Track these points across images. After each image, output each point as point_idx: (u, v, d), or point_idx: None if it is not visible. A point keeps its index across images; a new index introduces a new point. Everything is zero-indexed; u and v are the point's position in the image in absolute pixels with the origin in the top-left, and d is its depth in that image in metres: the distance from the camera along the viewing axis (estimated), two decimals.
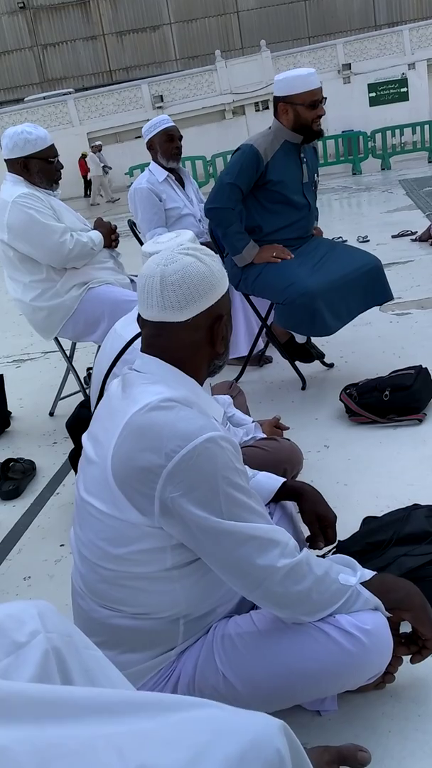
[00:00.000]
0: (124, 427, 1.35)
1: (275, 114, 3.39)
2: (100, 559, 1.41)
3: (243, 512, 1.34)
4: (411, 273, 5.57)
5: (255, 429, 2.47)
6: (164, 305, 1.42)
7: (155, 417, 1.34)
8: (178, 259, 1.43)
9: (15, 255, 3.23)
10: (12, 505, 2.92)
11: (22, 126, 3.23)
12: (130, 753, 0.75)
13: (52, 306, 3.27)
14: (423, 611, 1.47)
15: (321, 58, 23.13)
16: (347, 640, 1.40)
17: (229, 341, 1.56)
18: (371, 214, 9.52)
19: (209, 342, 1.48)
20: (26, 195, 3.15)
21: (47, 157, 3.22)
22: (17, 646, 0.89)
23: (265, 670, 1.44)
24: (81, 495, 1.47)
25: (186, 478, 1.30)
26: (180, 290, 1.41)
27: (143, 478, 1.31)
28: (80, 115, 22.66)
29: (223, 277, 1.47)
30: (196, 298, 1.42)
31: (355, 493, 2.53)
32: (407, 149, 16.19)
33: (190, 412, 1.35)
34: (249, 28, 30.35)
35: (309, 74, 3.29)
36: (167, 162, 4.09)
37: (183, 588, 1.41)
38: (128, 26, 30.58)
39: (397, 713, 1.57)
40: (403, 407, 2.98)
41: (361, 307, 3.40)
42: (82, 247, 3.23)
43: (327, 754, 1.37)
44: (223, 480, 1.32)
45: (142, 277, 1.46)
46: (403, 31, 23.36)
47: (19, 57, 30.67)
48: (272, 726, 0.83)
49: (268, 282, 3.36)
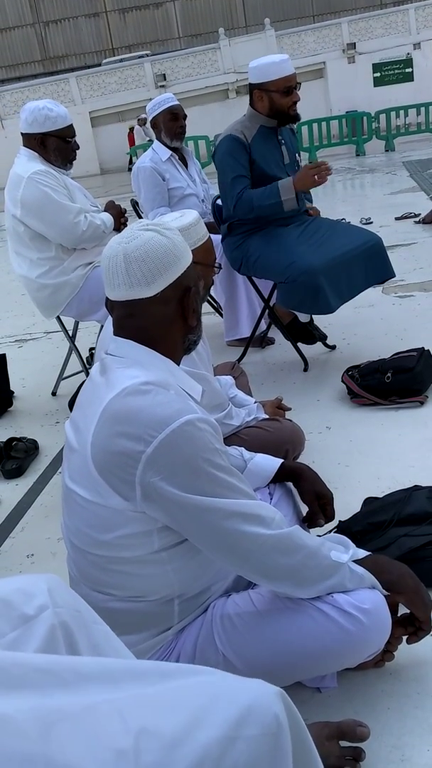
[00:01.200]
0: (102, 413, 1.34)
1: (251, 101, 3.40)
2: (88, 545, 1.41)
3: (226, 491, 1.34)
4: (414, 255, 5.55)
5: (257, 409, 2.48)
6: (131, 282, 1.41)
7: (132, 402, 1.33)
8: (138, 236, 1.42)
9: (25, 231, 3.21)
10: (15, 483, 2.93)
11: (44, 102, 3.21)
12: (131, 717, 0.76)
13: (58, 284, 3.26)
14: (416, 594, 1.48)
15: (325, 37, 22.86)
16: (346, 620, 1.41)
17: (200, 316, 1.55)
18: (374, 195, 9.47)
19: (181, 315, 1.47)
20: (42, 172, 3.14)
21: (65, 136, 3.21)
22: (25, 619, 0.91)
23: (265, 650, 1.45)
24: (66, 483, 1.48)
25: (166, 463, 1.29)
26: (145, 265, 1.40)
27: (123, 464, 1.31)
28: (82, 94, 22.47)
29: (185, 249, 1.47)
30: (161, 270, 1.41)
31: (356, 474, 2.54)
32: (412, 130, 16.06)
33: (167, 396, 1.34)
34: (253, 6, 29.99)
35: (282, 60, 3.29)
36: (171, 141, 4.07)
37: (174, 569, 1.41)
38: (131, 3, 30.23)
39: (396, 691, 1.58)
40: (404, 389, 2.99)
41: (363, 285, 3.40)
42: (95, 230, 3.23)
43: (327, 729, 1.39)
44: (204, 461, 1.32)
45: (105, 258, 1.45)
46: (409, 10, 23.06)
47: (20, 34, 30.35)
48: (270, 692, 0.84)
49: (269, 262, 3.35)
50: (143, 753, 0.73)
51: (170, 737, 0.75)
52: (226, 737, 0.77)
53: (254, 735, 0.79)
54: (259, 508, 1.37)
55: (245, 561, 1.37)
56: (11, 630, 0.90)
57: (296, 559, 1.38)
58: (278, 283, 3.38)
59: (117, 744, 0.73)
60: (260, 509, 1.37)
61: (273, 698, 0.83)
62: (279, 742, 0.81)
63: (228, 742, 0.77)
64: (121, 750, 0.73)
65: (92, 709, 0.76)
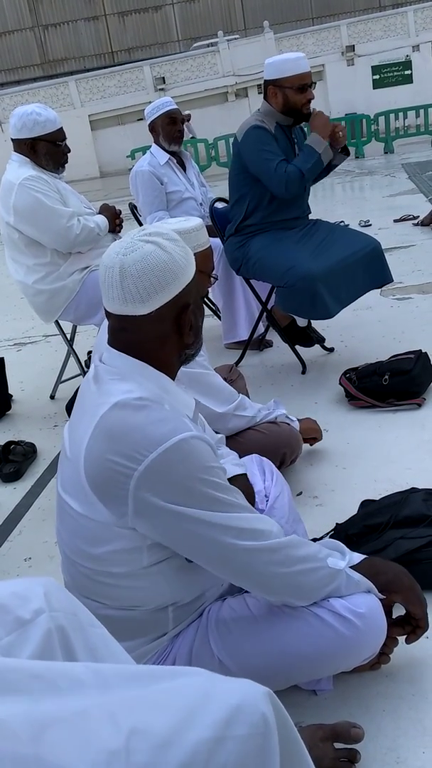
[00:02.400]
0: (95, 427, 1.33)
1: (265, 97, 3.41)
2: (79, 557, 1.40)
3: (221, 507, 1.32)
4: (412, 257, 5.56)
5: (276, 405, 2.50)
6: (125, 298, 1.36)
7: (125, 418, 1.31)
8: (138, 248, 1.36)
9: (20, 238, 3.22)
10: (13, 487, 2.94)
11: (32, 106, 3.20)
12: (122, 718, 0.77)
13: (55, 289, 3.27)
14: (412, 591, 1.49)
15: (324, 39, 22.88)
16: (341, 624, 1.41)
17: (200, 330, 1.50)
18: (373, 198, 9.47)
19: (176, 332, 1.42)
20: (33, 178, 3.14)
21: (55, 140, 3.20)
22: (21, 623, 0.91)
23: (260, 654, 1.45)
24: (59, 491, 1.47)
25: (159, 481, 1.28)
26: (140, 282, 1.34)
27: (115, 480, 1.29)
28: (81, 97, 22.48)
29: (187, 264, 1.40)
30: (158, 289, 1.35)
31: (353, 476, 2.55)
32: (411, 132, 16.06)
33: (160, 413, 1.32)
34: (252, 9, 30.00)
35: (298, 58, 3.31)
36: (169, 145, 4.08)
37: (166, 580, 1.40)
38: (130, 6, 30.22)
39: (391, 693, 1.59)
40: (402, 392, 2.99)
41: (362, 290, 3.41)
42: (88, 233, 3.23)
43: (321, 732, 1.40)
44: (198, 480, 1.30)
45: (102, 266, 1.40)
46: (408, 13, 23.07)
47: (19, 37, 30.35)
48: (258, 692, 0.85)
49: (268, 266, 3.36)
50: (134, 753, 0.74)
51: (161, 737, 0.76)
52: (216, 737, 0.78)
53: (243, 735, 0.80)
54: (256, 521, 1.37)
55: (242, 574, 1.37)
56: (6, 634, 0.90)
57: (294, 569, 1.38)
58: (277, 287, 3.39)
59: (108, 745, 0.74)
60: (257, 522, 1.36)
61: (261, 698, 0.84)
62: (267, 742, 0.82)
63: (217, 741, 0.78)
64: (113, 751, 0.74)
65: (84, 713, 0.77)
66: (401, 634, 1.54)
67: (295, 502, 2.12)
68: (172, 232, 1.43)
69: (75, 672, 0.83)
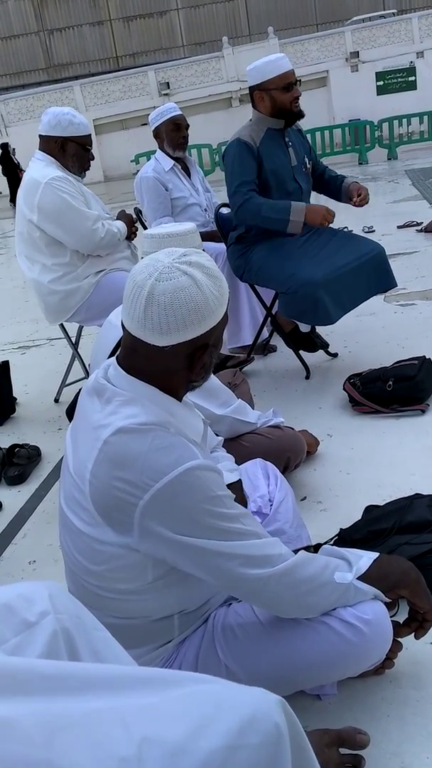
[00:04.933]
0: (101, 450, 1.30)
1: (253, 105, 3.42)
2: (81, 572, 1.40)
3: (228, 537, 1.31)
4: (416, 264, 5.57)
5: (274, 414, 2.51)
6: (145, 324, 1.30)
7: (129, 444, 1.28)
8: (173, 277, 1.28)
9: (41, 236, 3.23)
10: (17, 490, 2.94)
11: (68, 108, 3.29)
12: (134, 725, 0.77)
13: (70, 290, 3.29)
14: (418, 585, 1.48)
15: (329, 45, 22.93)
16: (348, 631, 1.41)
17: (212, 367, 1.44)
18: (377, 204, 9.47)
19: (187, 368, 1.37)
20: (60, 178, 3.16)
21: (85, 144, 3.27)
22: (27, 625, 0.92)
23: (267, 660, 1.45)
24: (61, 504, 1.45)
25: (164, 511, 1.27)
26: (165, 314, 1.28)
27: (120, 507, 1.29)
28: (86, 102, 22.55)
29: (218, 306, 1.33)
30: (180, 327, 1.29)
31: (357, 481, 2.55)
32: (414, 139, 16.08)
33: (166, 439, 1.30)
34: (257, 15, 30.12)
35: (278, 58, 3.32)
36: (173, 151, 4.09)
37: (171, 592, 1.40)
38: (135, 11, 30.37)
39: (396, 698, 1.59)
40: (406, 397, 2.99)
41: (365, 295, 3.42)
42: (112, 237, 3.27)
43: (327, 737, 1.40)
44: (203, 512, 1.28)
45: (131, 281, 1.33)
46: (412, 19, 23.13)
47: (25, 42, 30.49)
48: (271, 701, 0.85)
49: (270, 272, 3.37)
50: (146, 761, 0.74)
51: (173, 746, 0.76)
52: (229, 746, 0.78)
53: (256, 743, 0.80)
54: (264, 547, 1.35)
55: (251, 597, 1.38)
56: (13, 636, 0.91)
57: (302, 589, 1.37)
58: (279, 293, 3.40)
59: (120, 752, 0.74)
60: (265, 548, 1.35)
61: (274, 707, 0.84)
62: (279, 751, 0.82)
63: (230, 750, 0.78)
64: (124, 757, 0.74)
65: (96, 716, 0.77)
66: (409, 633, 1.54)
67: (299, 507, 2.12)
68: (214, 266, 1.36)
69: (86, 672, 0.84)
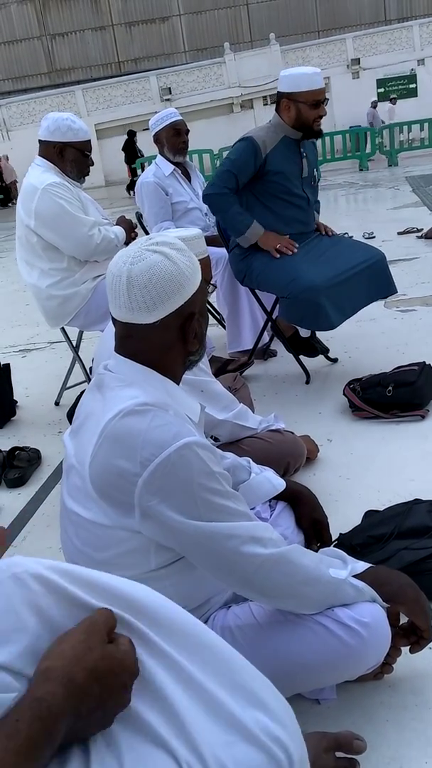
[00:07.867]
0: (100, 434, 1.34)
1: (277, 108, 3.42)
2: (86, 565, 1.41)
3: (222, 515, 1.34)
4: (416, 270, 5.58)
5: (276, 420, 2.51)
6: (131, 306, 1.39)
7: (129, 424, 1.33)
8: (145, 257, 1.38)
9: (38, 242, 3.24)
10: (17, 493, 2.94)
11: (67, 114, 3.28)
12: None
13: (68, 295, 3.29)
14: (416, 603, 1.49)
15: (330, 52, 23.05)
16: (346, 633, 1.42)
17: (205, 337, 1.53)
18: (377, 210, 9.51)
19: (181, 340, 1.45)
20: (57, 184, 3.17)
21: (84, 149, 3.27)
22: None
23: (265, 662, 1.44)
24: (64, 500, 1.48)
25: (162, 486, 1.29)
26: (147, 291, 1.37)
27: (120, 486, 1.31)
28: (88, 107, 22.63)
29: (193, 274, 1.43)
30: (164, 299, 1.38)
31: (357, 486, 2.55)
32: (415, 146, 16.17)
33: (165, 418, 1.34)
34: (258, 21, 30.20)
35: (314, 73, 3.32)
36: (174, 156, 4.11)
37: (172, 585, 1.41)
38: (137, 17, 30.43)
39: (394, 703, 1.59)
40: (406, 403, 3.00)
41: (365, 301, 3.43)
42: (108, 243, 3.26)
43: (324, 741, 1.40)
44: (199, 486, 1.31)
45: (109, 274, 1.42)
46: (413, 27, 23.25)
47: (27, 46, 30.55)
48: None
49: (271, 277, 3.38)
50: None
51: None
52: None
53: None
54: (256, 529, 1.38)
55: (245, 582, 1.38)
56: None
57: (296, 578, 1.39)
58: (280, 297, 3.41)
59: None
60: (257, 530, 1.37)
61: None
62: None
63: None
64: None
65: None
66: (405, 644, 1.55)
67: None
68: (179, 241, 1.44)
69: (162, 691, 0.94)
